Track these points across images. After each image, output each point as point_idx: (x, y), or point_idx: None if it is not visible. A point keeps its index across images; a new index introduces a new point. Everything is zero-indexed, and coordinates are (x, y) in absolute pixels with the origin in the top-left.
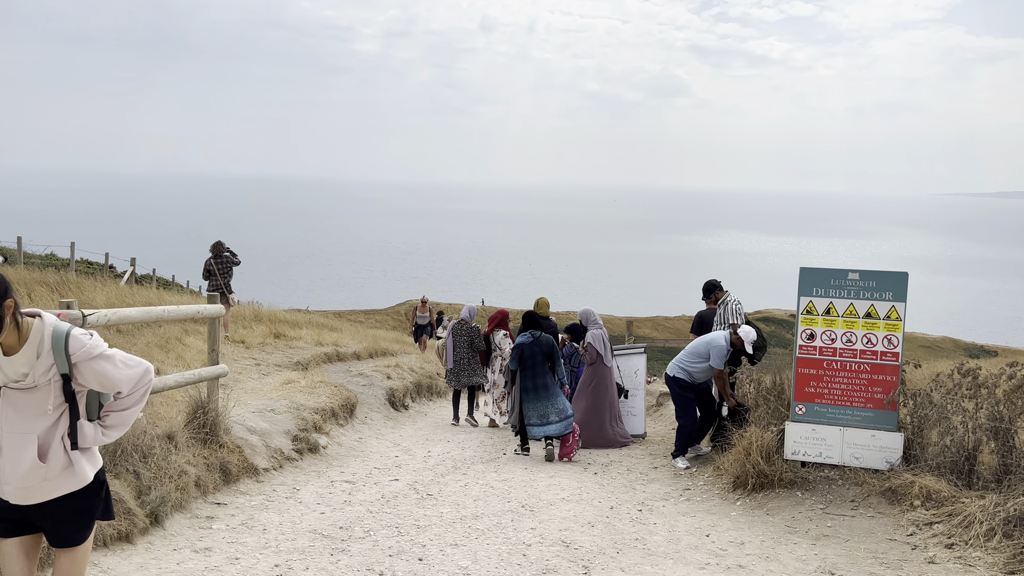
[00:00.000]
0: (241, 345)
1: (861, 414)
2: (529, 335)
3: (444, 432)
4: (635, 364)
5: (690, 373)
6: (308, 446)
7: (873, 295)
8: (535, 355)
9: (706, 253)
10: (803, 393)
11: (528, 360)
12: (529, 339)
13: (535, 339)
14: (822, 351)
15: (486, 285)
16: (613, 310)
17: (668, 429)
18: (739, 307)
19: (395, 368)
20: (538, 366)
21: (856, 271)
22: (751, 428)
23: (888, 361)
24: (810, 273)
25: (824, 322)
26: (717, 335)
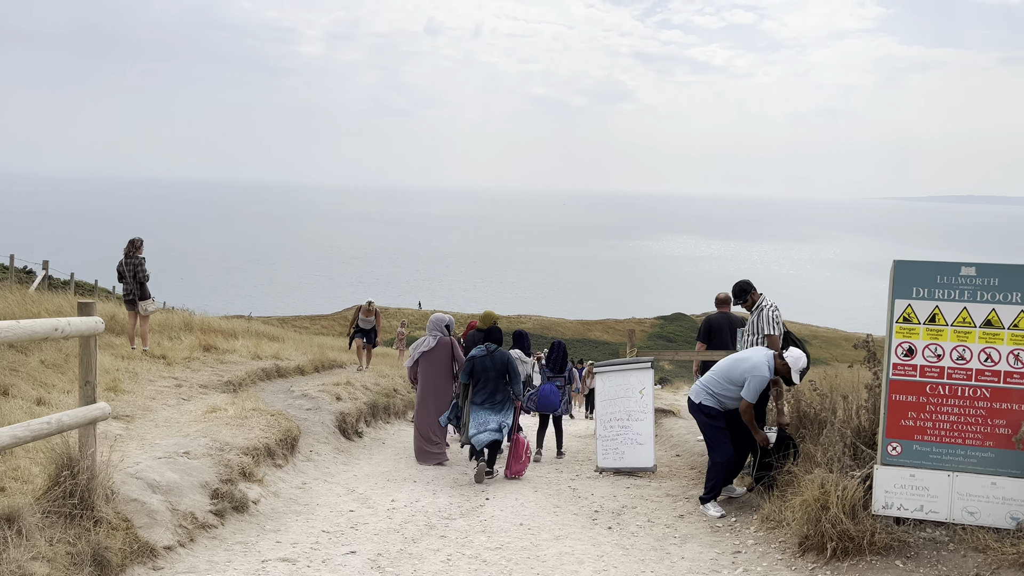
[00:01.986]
0: (161, 361)
1: (977, 454)
2: (484, 348)
3: (408, 467)
4: (639, 381)
5: (720, 400)
6: (233, 503)
7: (995, 296)
8: (487, 369)
9: (654, 258)
10: (898, 427)
11: (480, 374)
12: (483, 352)
13: (489, 353)
14: (924, 371)
15: (435, 289)
16: (564, 313)
17: (671, 456)
18: (776, 314)
19: (345, 387)
20: (491, 381)
21: (971, 264)
22: (818, 471)
23: (1015, 384)
24: (909, 268)
25: (928, 333)
26: (758, 359)
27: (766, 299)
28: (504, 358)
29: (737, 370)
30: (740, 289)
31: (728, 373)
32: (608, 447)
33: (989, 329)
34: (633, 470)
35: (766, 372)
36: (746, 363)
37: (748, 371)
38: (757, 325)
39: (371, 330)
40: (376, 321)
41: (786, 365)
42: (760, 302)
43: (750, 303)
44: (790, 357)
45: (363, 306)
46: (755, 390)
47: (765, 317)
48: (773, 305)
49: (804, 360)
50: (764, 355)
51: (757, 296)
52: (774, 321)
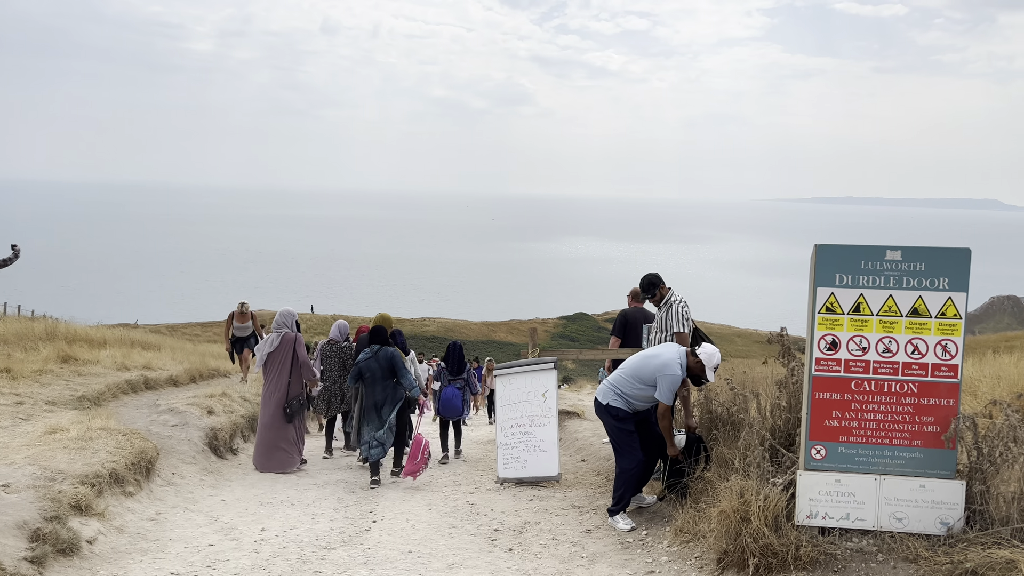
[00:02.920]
0: (6, 375)
1: (905, 455)
2: (369, 351)
3: (287, 488)
4: (541, 383)
5: (629, 400)
6: (58, 545)
7: (922, 282)
8: (374, 371)
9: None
10: (822, 428)
11: (368, 377)
12: (368, 355)
13: (374, 354)
14: (849, 366)
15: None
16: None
17: (577, 461)
18: (686, 311)
19: (221, 398)
20: (378, 383)
21: (897, 248)
22: (736, 478)
23: (943, 377)
24: (831, 253)
25: (852, 324)
26: (668, 356)
27: (675, 294)
28: (388, 355)
29: (647, 368)
30: (648, 282)
31: (638, 371)
32: (510, 455)
33: (916, 318)
34: (537, 480)
35: (678, 370)
36: (656, 360)
37: (659, 369)
38: (666, 322)
39: (250, 337)
40: (254, 325)
41: (700, 362)
42: (669, 297)
43: (658, 298)
44: (704, 353)
45: (235, 311)
46: (670, 390)
47: (674, 313)
48: (682, 300)
49: (718, 356)
50: (676, 352)
51: (666, 291)
52: (683, 317)
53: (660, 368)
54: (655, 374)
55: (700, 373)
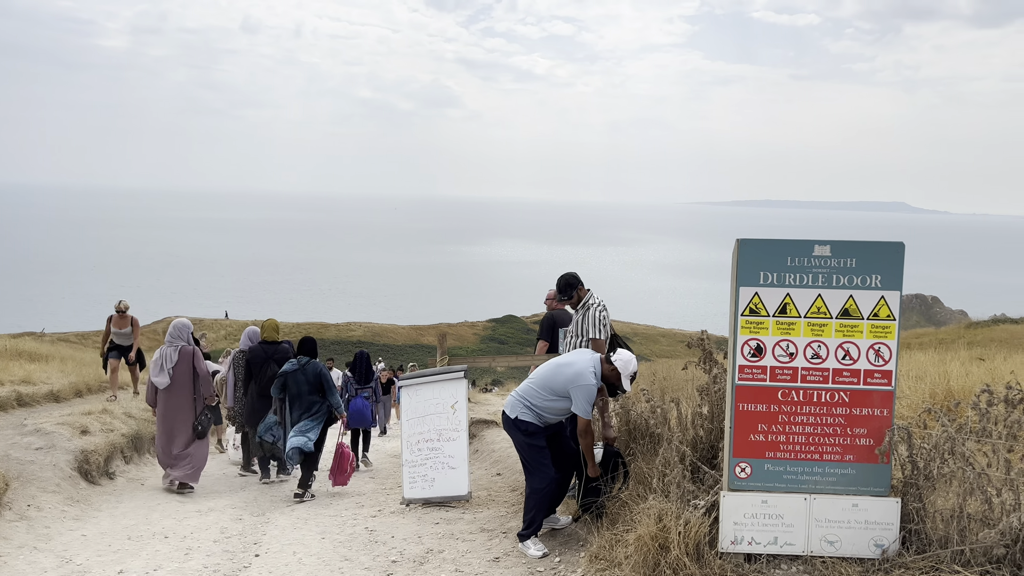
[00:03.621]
0: None
1: (837, 471)
2: (296, 362)
3: (164, 517)
4: (451, 394)
5: (540, 413)
6: None
7: (852, 280)
8: (300, 384)
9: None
10: (746, 444)
11: (293, 388)
12: (294, 366)
13: (301, 366)
14: (775, 374)
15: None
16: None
17: (492, 475)
18: (604, 315)
19: (100, 415)
20: (303, 396)
21: (826, 242)
22: (654, 500)
23: (877, 385)
24: (755, 249)
25: (778, 327)
26: (583, 365)
27: (594, 297)
28: (317, 370)
29: (559, 378)
30: (566, 283)
31: (548, 381)
32: (416, 474)
33: (847, 320)
34: (445, 500)
35: (592, 380)
36: (569, 370)
37: (572, 380)
38: (582, 326)
39: (129, 347)
40: (134, 332)
41: (615, 370)
42: (587, 300)
43: (576, 300)
44: (619, 360)
45: (114, 313)
46: (587, 402)
47: (591, 318)
48: (601, 304)
49: (635, 363)
50: (589, 359)
51: (584, 293)
52: (600, 322)
53: (573, 379)
54: (568, 385)
55: (615, 382)
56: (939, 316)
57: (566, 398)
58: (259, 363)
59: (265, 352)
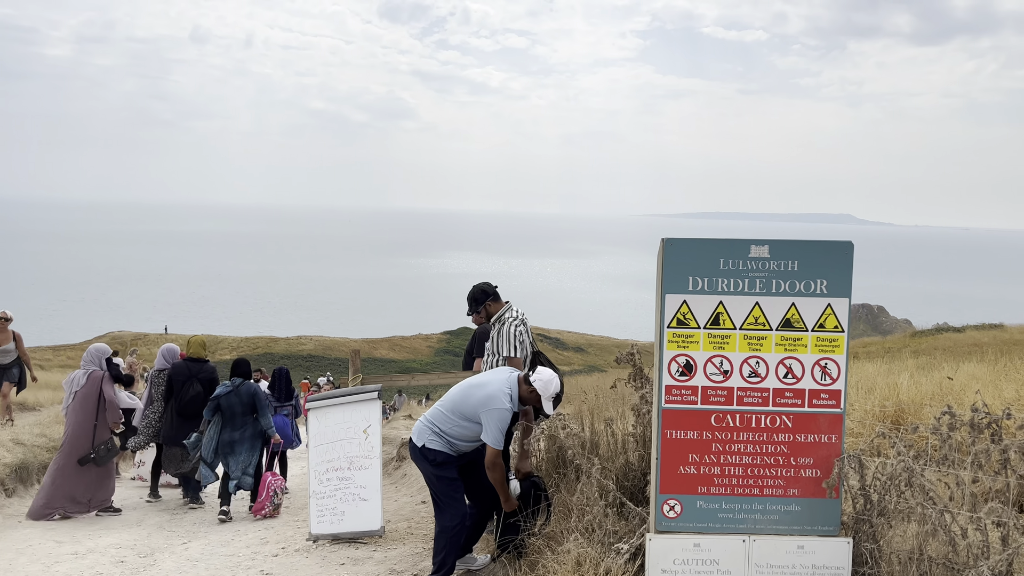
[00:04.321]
0: None
1: (780, 508)
2: (229, 384)
3: (33, 561)
4: (363, 417)
5: (451, 440)
6: None
7: (795, 286)
8: (233, 406)
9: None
10: (675, 478)
11: (227, 411)
12: (227, 388)
13: (235, 388)
14: (708, 395)
15: (207, 312)
16: (349, 332)
17: (416, 504)
18: (521, 330)
19: None
20: (236, 418)
21: (764, 242)
22: (574, 542)
23: (824, 407)
24: (683, 250)
25: (711, 340)
26: (496, 387)
27: (512, 310)
28: (251, 391)
29: (470, 401)
30: (473, 297)
31: (459, 405)
32: (324, 506)
33: (789, 332)
34: (356, 536)
35: (506, 403)
36: (481, 392)
37: (483, 403)
38: (497, 343)
39: (12, 365)
40: (18, 347)
41: (534, 392)
42: (503, 313)
43: (485, 315)
44: (539, 380)
45: None
46: (499, 429)
47: (506, 334)
48: (519, 318)
49: (557, 383)
50: (505, 380)
51: (499, 306)
52: (516, 339)
53: (484, 402)
54: (478, 409)
55: (535, 404)
56: (885, 325)
57: (479, 423)
58: (182, 381)
59: (189, 370)
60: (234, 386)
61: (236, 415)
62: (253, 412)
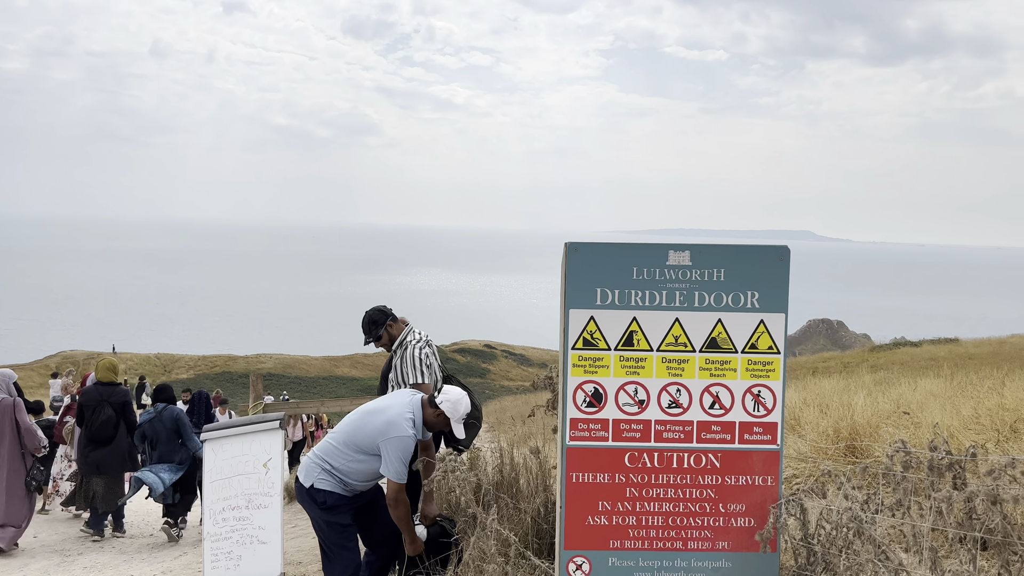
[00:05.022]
0: None
1: (707, 565)
2: (152, 411)
3: None
4: (263, 449)
5: (344, 479)
6: None
7: (722, 298)
8: (158, 432)
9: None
10: (583, 530)
11: (152, 438)
12: (151, 415)
13: (158, 414)
14: (621, 430)
15: (167, 330)
16: (310, 351)
17: None
18: (426, 353)
19: None
20: (163, 443)
21: (684, 247)
22: None
23: (757, 443)
24: (589, 256)
25: (623, 364)
26: (396, 411)
27: (414, 333)
28: (174, 415)
29: (366, 430)
30: (370, 320)
31: (353, 436)
32: (220, 549)
33: (716, 354)
34: None
35: (408, 430)
36: (378, 418)
37: (381, 431)
38: (400, 371)
39: None
40: None
41: (441, 415)
42: (404, 337)
43: (386, 340)
44: (447, 400)
45: None
46: (401, 460)
47: (409, 358)
48: (423, 340)
49: (466, 403)
50: (406, 403)
51: (401, 328)
52: (421, 363)
53: (383, 429)
54: (377, 438)
55: (445, 428)
56: (844, 340)
57: (376, 456)
58: (92, 406)
59: (100, 394)
60: (157, 412)
61: (162, 441)
62: (179, 436)
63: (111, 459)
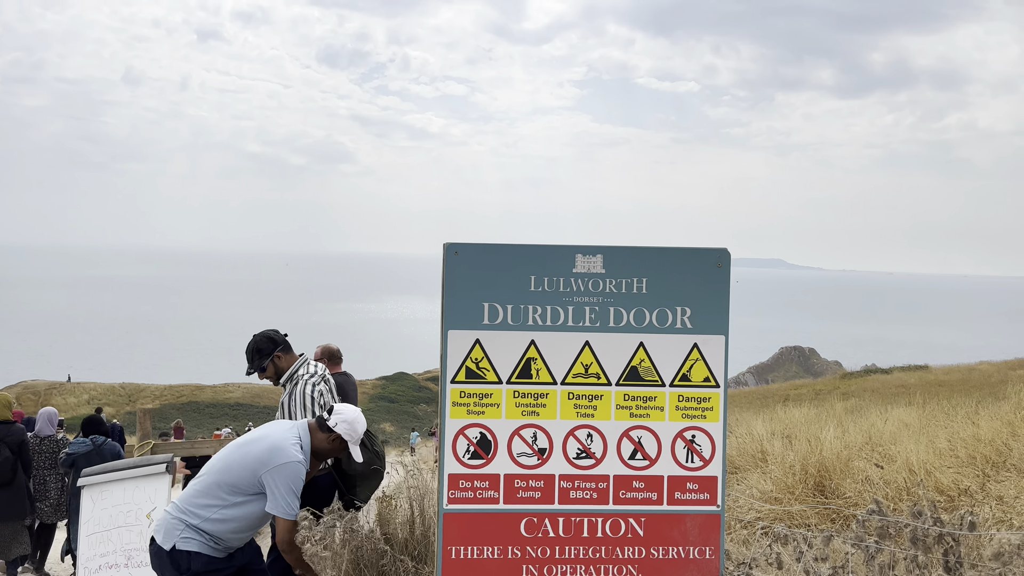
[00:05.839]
0: None
1: None
2: (89, 443)
3: None
4: (147, 496)
5: (214, 534)
6: None
7: (644, 317)
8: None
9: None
10: None
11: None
12: (87, 447)
13: (96, 447)
14: (514, 489)
15: (138, 358)
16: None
17: None
18: (319, 389)
19: None
20: None
21: (596, 249)
22: None
23: (692, 503)
24: (474, 260)
25: (518, 403)
26: (279, 436)
27: (308, 366)
28: (115, 451)
29: (243, 463)
30: (255, 348)
31: (225, 474)
32: None
33: (637, 387)
34: None
35: (297, 454)
36: (258, 447)
37: (264, 459)
38: (288, 409)
39: None
40: None
41: (336, 439)
42: (296, 370)
43: (272, 373)
44: (341, 420)
45: None
46: (292, 492)
47: (299, 396)
48: (317, 375)
49: (363, 423)
50: (289, 426)
51: (290, 361)
52: (313, 400)
53: (265, 459)
54: (259, 470)
55: (338, 454)
56: (816, 367)
57: (258, 496)
58: None
59: None
60: (95, 444)
61: None
62: None
63: (10, 504)
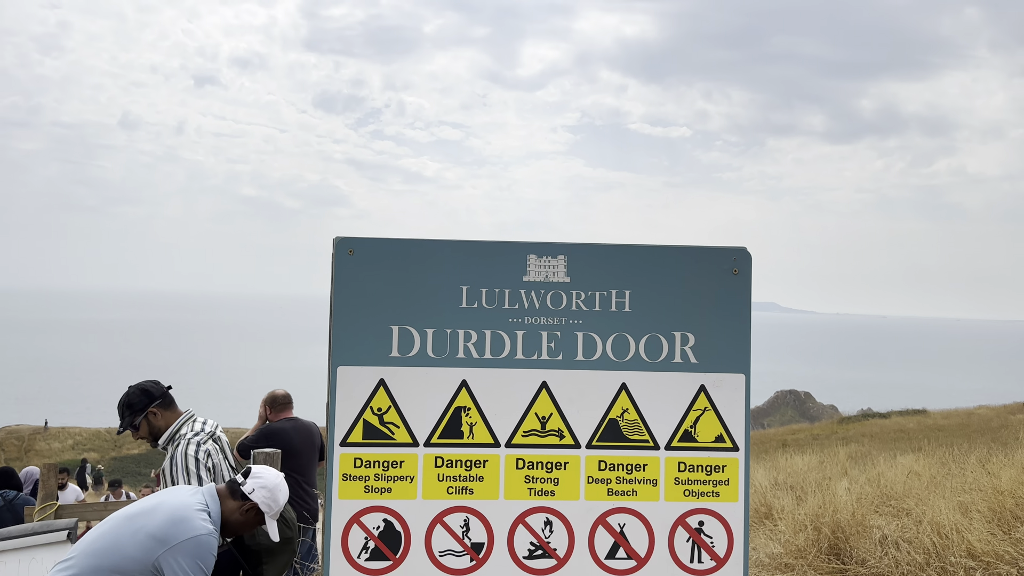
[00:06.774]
0: None
1: None
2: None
3: None
4: (45, 569)
5: None
6: None
7: (627, 346)
8: (5, 522)
9: None
10: None
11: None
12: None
13: (7, 502)
14: None
15: None
16: None
17: None
18: (206, 451)
19: None
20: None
21: (559, 247)
22: None
23: None
24: (378, 262)
25: (441, 474)
26: (180, 501)
27: (193, 424)
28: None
29: (134, 540)
30: (126, 403)
31: (107, 556)
32: None
33: (618, 450)
34: None
35: (206, 524)
36: (154, 519)
37: (162, 538)
38: (170, 474)
39: None
40: None
41: (251, 508)
42: (178, 429)
43: (146, 432)
44: (260, 486)
45: None
46: (202, 571)
47: (180, 459)
48: (204, 433)
49: (285, 490)
50: (191, 492)
51: (169, 419)
52: (200, 466)
53: (163, 535)
54: (155, 552)
55: (250, 530)
56: (812, 411)
57: None
58: None
59: None
60: (6, 500)
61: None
62: None
63: None
